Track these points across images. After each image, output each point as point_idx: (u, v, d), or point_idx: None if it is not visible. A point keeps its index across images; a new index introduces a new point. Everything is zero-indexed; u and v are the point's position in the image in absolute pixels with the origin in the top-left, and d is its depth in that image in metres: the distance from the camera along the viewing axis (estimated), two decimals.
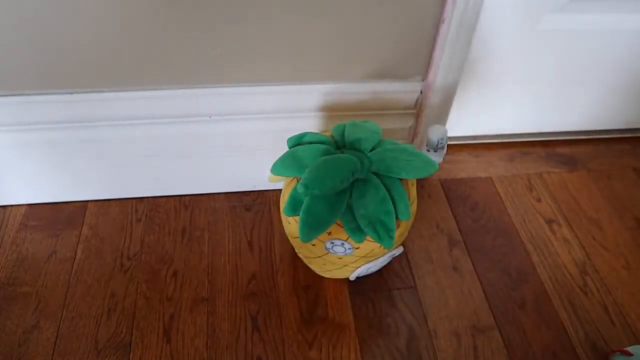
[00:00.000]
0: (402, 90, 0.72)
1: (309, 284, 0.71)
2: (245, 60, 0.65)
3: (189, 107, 0.69)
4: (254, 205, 0.81)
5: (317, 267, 0.69)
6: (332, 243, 0.59)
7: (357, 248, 0.59)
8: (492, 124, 0.91)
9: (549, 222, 0.81)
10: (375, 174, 0.58)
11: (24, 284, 0.70)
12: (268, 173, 0.69)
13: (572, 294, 0.72)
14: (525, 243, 0.78)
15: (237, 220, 0.79)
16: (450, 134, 0.90)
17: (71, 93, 0.65)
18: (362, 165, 0.57)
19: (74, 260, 0.73)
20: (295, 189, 0.58)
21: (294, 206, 0.57)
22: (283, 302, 0.69)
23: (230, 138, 0.74)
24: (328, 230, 0.57)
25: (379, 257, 0.64)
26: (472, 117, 0.88)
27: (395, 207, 0.56)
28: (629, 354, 0.61)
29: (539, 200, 0.85)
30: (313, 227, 0.55)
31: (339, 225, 0.57)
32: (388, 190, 0.57)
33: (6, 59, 0.61)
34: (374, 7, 0.61)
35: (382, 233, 0.55)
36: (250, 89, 0.68)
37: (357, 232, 0.56)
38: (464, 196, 0.84)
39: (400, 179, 0.58)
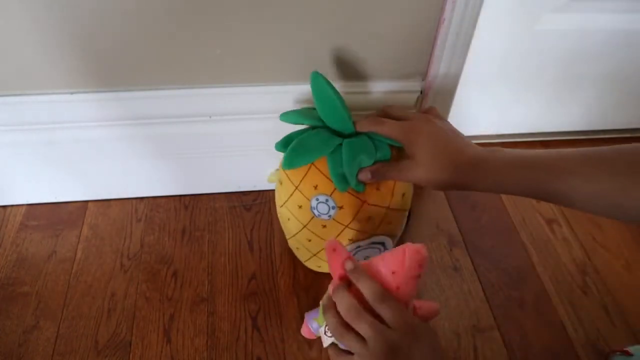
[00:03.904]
0: (402, 90, 0.72)
1: (309, 284, 0.71)
2: (246, 60, 0.65)
3: (189, 107, 0.69)
4: (254, 205, 0.81)
5: (307, 259, 0.68)
6: (317, 200, 0.59)
7: (340, 207, 0.59)
8: (492, 124, 0.91)
9: (549, 222, 0.81)
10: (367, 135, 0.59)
11: (24, 284, 0.70)
12: (267, 173, 0.69)
13: (572, 294, 0.72)
14: (525, 243, 0.78)
15: (237, 220, 0.79)
16: None
17: (71, 93, 0.65)
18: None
19: (74, 260, 0.73)
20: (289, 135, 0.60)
21: (287, 143, 0.58)
22: (283, 302, 0.69)
23: (231, 138, 0.74)
24: (315, 184, 0.57)
25: (361, 241, 0.63)
26: (472, 117, 0.88)
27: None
28: (629, 354, 0.61)
29: (538, 200, 0.84)
30: (300, 154, 0.56)
31: (327, 178, 0.57)
32: (375, 148, 0.57)
33: (6, 59, 0.61)
34: (374, 7, 0.61)
35: (354, 169, 0.56)
36: (251, 89, 0.68)
37: (342, 180, 0.56)
38: (464, 196, 0.84)
39: (390, 149, 0.58)
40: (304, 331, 0.59)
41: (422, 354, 0.47)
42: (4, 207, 0.80)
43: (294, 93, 0.69)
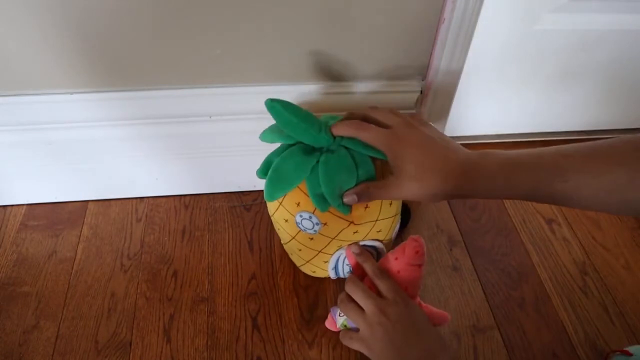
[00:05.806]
0: (402, 90, 0.72)
1: (309, 284, 0.71)
2: (245, 60, 0.65)
3: (189, 107, 0.69)
4: (254, 205, 0.81)
5: (301, 264, 0.68)
6: (301, 216, 0.58)
7: (324, 224, 0.58)
8: (492, 124, 0.91)
9: (549, 222, 0.81)
10: (345, 148, 0.55)
11: (24, 284, 0.70)
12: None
13: (572, 294, 0.72)
14: (525, 243, 0.78)
15: (237, 220, 0.79)
16: (450, 134, 0.89)
17: (71, 93, 0.65)
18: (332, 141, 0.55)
19: (74, 260, 0.73)
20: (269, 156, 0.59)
21: (266, 167, 0.57)
22: (283, 302, 0.69)
23: (230, 138, 0.74)
24: (297, 201, 0.57)
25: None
26: (472, 117, 0.88)
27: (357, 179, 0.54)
28: (629, 354, 0.61)
29: (539, 202, 0.84)
30: (277, 184, 0.54)
31: (308, 196, 0.55)
32: (355, 164, 0.54)
33: (6, 59, 0.61)
34: (374, 6, 0.61)
35: (333, 191, 0.53)
36: (251, 89, 0.68)
37: (321, 200, 0.54)
38: None
39: (372, 161, 0.55)
40: (328, 323, 0.65)
41: (411, 321, 0.52)
42: (4, 207, 0.80)
43: (294, 93, 0.69)
